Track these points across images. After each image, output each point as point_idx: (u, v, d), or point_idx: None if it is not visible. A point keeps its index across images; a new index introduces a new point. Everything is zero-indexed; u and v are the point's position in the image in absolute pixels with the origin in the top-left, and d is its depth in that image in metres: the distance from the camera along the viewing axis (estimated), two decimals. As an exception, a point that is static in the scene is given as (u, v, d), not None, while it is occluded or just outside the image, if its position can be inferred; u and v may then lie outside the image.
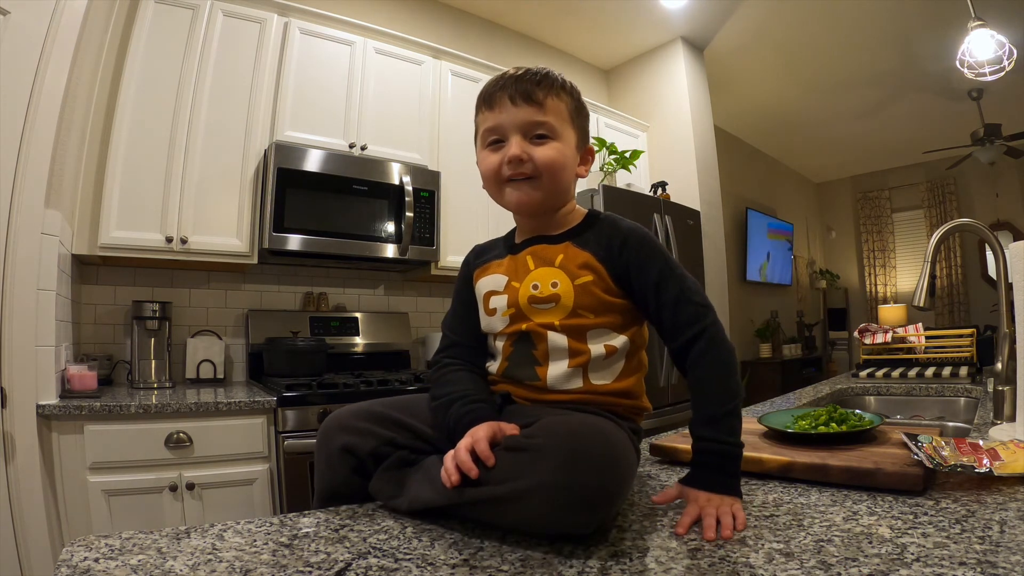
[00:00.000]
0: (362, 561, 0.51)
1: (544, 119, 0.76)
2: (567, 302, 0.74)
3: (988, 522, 0.56)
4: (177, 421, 1.69)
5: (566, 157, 0.77)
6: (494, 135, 0.77)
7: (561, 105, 0.78)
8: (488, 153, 0.79)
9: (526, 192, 0.76)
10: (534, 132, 0.76)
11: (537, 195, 0.77)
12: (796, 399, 1.61)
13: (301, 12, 2.36)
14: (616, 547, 0.54)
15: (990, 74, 2.89)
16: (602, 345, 0.74)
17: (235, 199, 2.16)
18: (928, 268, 1.22)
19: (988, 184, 5.87)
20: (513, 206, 0.79)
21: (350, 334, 2.62)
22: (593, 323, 0.74)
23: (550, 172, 0.76)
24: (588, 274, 0.74)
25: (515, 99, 0.76)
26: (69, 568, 0.49)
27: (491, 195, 0.81)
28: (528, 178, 0.76)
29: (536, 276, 0.77)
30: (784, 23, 3.68)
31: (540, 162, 0.75)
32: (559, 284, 0.75)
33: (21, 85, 1.56)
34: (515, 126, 0.76)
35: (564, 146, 0.77)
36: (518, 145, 0.75)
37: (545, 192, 0.77)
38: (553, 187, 0.77)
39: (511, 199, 0.78)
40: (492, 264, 0.84)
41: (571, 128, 0.79)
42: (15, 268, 1.53)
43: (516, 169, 0.75)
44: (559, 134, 0.77)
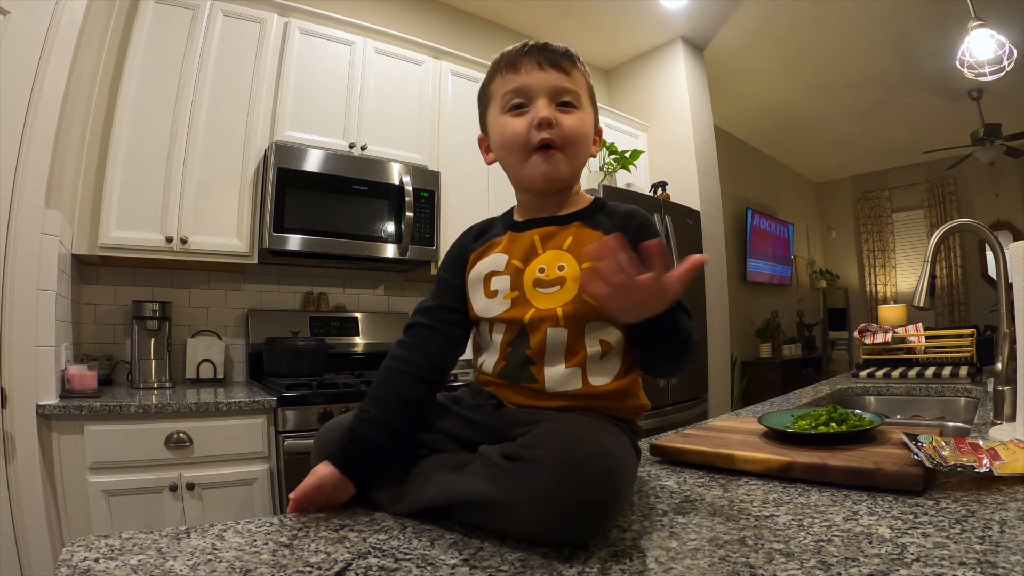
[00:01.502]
0: (362, 561, 0.51)
1: (571, 87, 0.73)
2: (572, 286, 0.69)
3: (988, 522, 0.56)
4: (177, 421, 1.69)
5: (589, 129, 0.75)
6: (518, 97, 0.73)
7: (582, 78, 0.76)
8: (510, 118, 0.73)
9: (555, 164, 0.72)
10: (560, 98, 0.73)
11: (564, 166, 0.73)
12: (796, 399, 1.61)
13: (301, 12, 2.36)
14: (616, 547, 0.54)
15: (990, 74, 2.89)
16: (598, 341, 0.70)
17: (235, 199, 2.16)
18: (928, 268, 1.22)
19: (988, 184, 5.87)
20: (540, 179, 0.73)
21: (350, 334, 2.62)
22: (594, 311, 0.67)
23: (575, 143, 0.73)
24: None
25: (543, 64, 0.73)
26: (69, 568, 0.49)
27: (509, 167, 0.76)
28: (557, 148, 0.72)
29: (544, 259, 0.73)
30: (784, 23, 3.68)
31: (568, 130, 0.72)
32: (566, 267, 0.71)
33: (21, 85, 1.56)
34: (544, 89, 0.72)
35: (587, 117, 0.75)
36: (547, 108, 0.71)
37: (572, 162, 0.74)
38: (577, 160, 0.74)
39: (538, 171, 0.73)
40: (492, 243, 0.78)
41: (589, 103, 0.77)
42: (15, 268, 1.53)
43: (546, 134, 0.71)
44: (583, 104, 0.75)
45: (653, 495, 0.71)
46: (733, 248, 5.04)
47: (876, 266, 6.76)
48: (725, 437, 0.92)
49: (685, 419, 2.84)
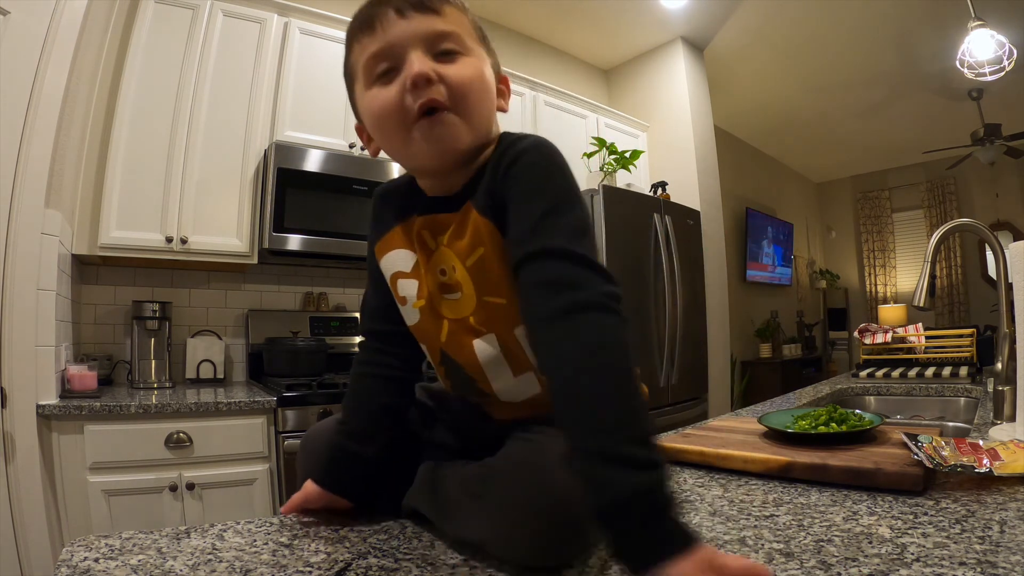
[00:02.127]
0: (362, 561, 0.51)
1: (448, 28, 0.56)
2: (468, 291, 0.57)
3: (988, 522, 0.56)
4: (177, 421, 1.69)
5: (483, 75, 0.58)
6: (383, 62, 0.55)
7: (463, 18, 0.59)
8: (377, 90, 0.56)
9: (448, 126, 0.55)
10: (438, 47, 0.56)
11: (462, 130, 0.55)
12: (796, 399, 1.61)
13: (301, 12, 2.36)
14: (616, 547, 0.53)
15: (990, 74, 2.89)
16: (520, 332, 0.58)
17: (235, 199, 2.16)
18: (928, 268, 1.22)
19: (988, 184, 5.87)
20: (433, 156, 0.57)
21: (350, 334, 2.62)
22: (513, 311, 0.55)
23: (469, 96, 0.55)
24: (479, 246, 0.56)
25: (403, 10, 0.55)
26: (69, 568, 0.49)
27: (393, 151, 0.59)
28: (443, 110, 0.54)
29: (439, 258, 0.60)
30: (784, 23, 3.68)
31: (455, 81, 0.54)
32: (456, 270, 0.58)
33: (21, 85, 1.56)
34: (412, 41, 0.55)
35: (481, 64, 0.58)
36: (423, 61, 0.54)
37: (472, 124, 0.56)
38: (477, 118, 0.57)
39: (427, 147, 0.55)
40: (395, 232, 0.65)
41: (480, 47, 0.60)
42: (15, 268, 1.53)
43: (425, 94, 0.53)
44: (471, 49, 0.57)
45: (653, 495, 0.71)
46: (733, 248, 5.04)
47: (876, 266, 6.76)
48: (725, 437, 0.92)
49: (685, 419, 2.84)
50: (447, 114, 0.55)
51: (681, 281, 2.96)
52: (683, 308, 2.95)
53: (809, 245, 7.03)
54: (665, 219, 2.99)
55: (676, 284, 2.92)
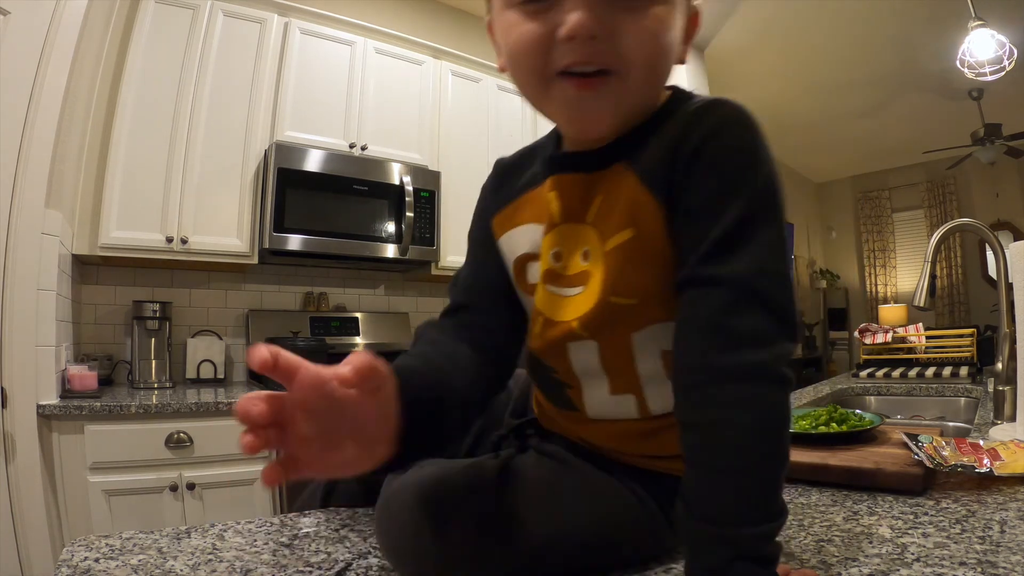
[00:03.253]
0: (362, 561, 0.51)
1: None
2: (595, 286, 0.44)
3: (988, 522, 0.55)
4: (177, 421, 1.69)
5: (674, 34, 0.42)
6: None
7: None
8: (519, 17, 0.41)
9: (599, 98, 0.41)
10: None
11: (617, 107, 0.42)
12: (796, 399, 1.61)
13: (301, 12, 2.36)
14: (616, 547, 0.53)
15: (990, 74, 2.89)
16: (659, 353, 0.45)
17: (235, 199, 2.16)
18: (928, 268, 1.22)
19: (988, 184, 5.86)
20: (569, 125, 0.45)
21: (350, 334, 2.62)
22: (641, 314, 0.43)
23: (649, 63, 0.41)
24: (629, 227, 0.42)
25: None
26: (69, 568, 0.49)
27: (525, 95, 0.44)
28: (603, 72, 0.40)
29: (560, 235, 0.46)
30: (784, 23, 3.68)
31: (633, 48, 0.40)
32: (590, 255, 0.45)
33: (21, 85, 1.56)
34: None
35: (670, 11, 0.41)
36: (586, 9, 0.38)
37: (634, 98, 0.43)
38: (648, 88, 0.43)
39: (567, 113, 0.43)
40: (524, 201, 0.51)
41: None
42: (15, 268, 1.53)
43: (583, 56, 0.39)
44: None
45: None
46: (733, 248, 5.03)
47: (876, 266, 6.76)
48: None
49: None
50: (606, 80, 0.40)
51: (681, 281, 2.97)
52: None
53: (809, 245, 7.02)
54: (665, 219, 2.99)
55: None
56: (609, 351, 0.45)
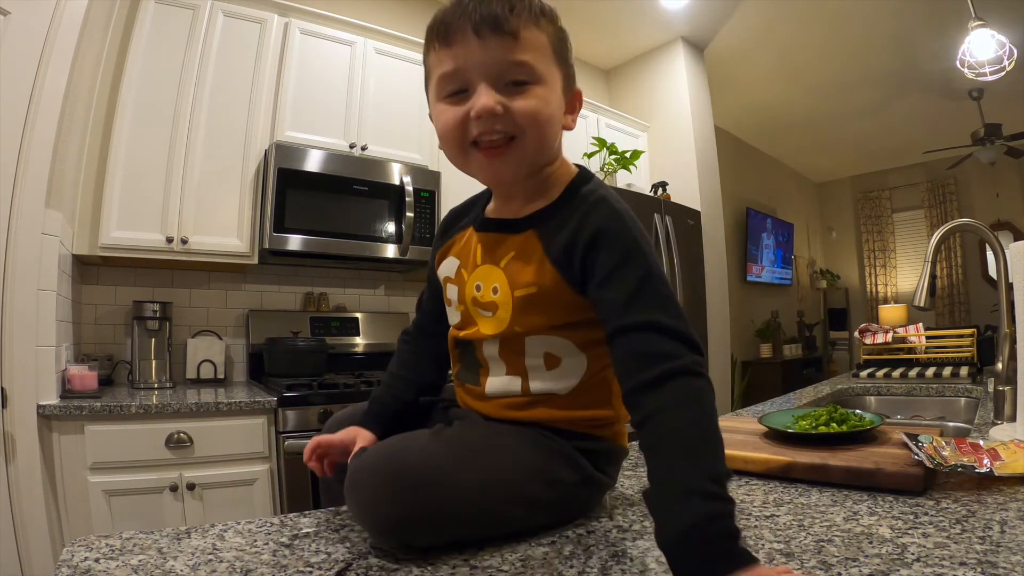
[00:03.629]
0: (362, 561, 0.51)
1: (522, 58, 0.56)
2: (503, 315, 0.61)
3: (988, 522, 0.56)
4: (177, 421, 1.69)
5: (553, 107, 0.59)
6: (453, 84, 0.58)
7: (542, 37, 0.59)
8: (445, 106, 0.59)
9: (501, 161, 0.59)
10: (508, 77, 0.57)
11: (517, 162, 0.59)
12: (796, 399, 1.61)
13: (301, 12, 2.36)
14: (616, 547, 0.54)
15: (990, 74, 2.88)
16: (541, 354, 0.62)
17: (235, 199, 2.16)
18: (928, 268, 1.22)
19: (988, 184, 5.87)
20: (486, 179, 0.63)
21: (350, 334, 2.62)
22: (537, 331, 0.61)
23: (536, 128, 0.58)
24: (532, 286, 0.60)
25: (481, 31, 0.55)
26: (70, 568, 0.49)
27: (452, 161, 0.63)
28: (505, 139, 0.58)
29: (480, 275, 0.64)
30: (785, 23, 3.68)
31: (521, 116, 0.57)
32: (499, 291, 0.62)
33: (21, 85, 1.56)
34: (483, 69, 0.56)
35: (549, 92, 0.59)
36: (489, 95, 0.56)
37: (530, 156, 0.59)
38: (539, 147, 0.59)
39: (483, 172, 0.61)
40: (456, 240, 0.71)
41: (556, 67, 0.60)
42: (15, 268, 1.53)
43: (488, 127, 0.57)
44: (542, 77, 0.58)
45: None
46: (733, 248, 5.04)
47: (876, 266, 6.76)
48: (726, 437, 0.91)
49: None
50: (506, 146, 0.58)
51: (682, 281, 2.96)
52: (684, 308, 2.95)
53: (809, 245, 7.03)
54: (666, 219, 2.99)
55: (677, 284, 2.92)
56: (507, 349, 0.63)
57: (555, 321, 0.60)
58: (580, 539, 0.56)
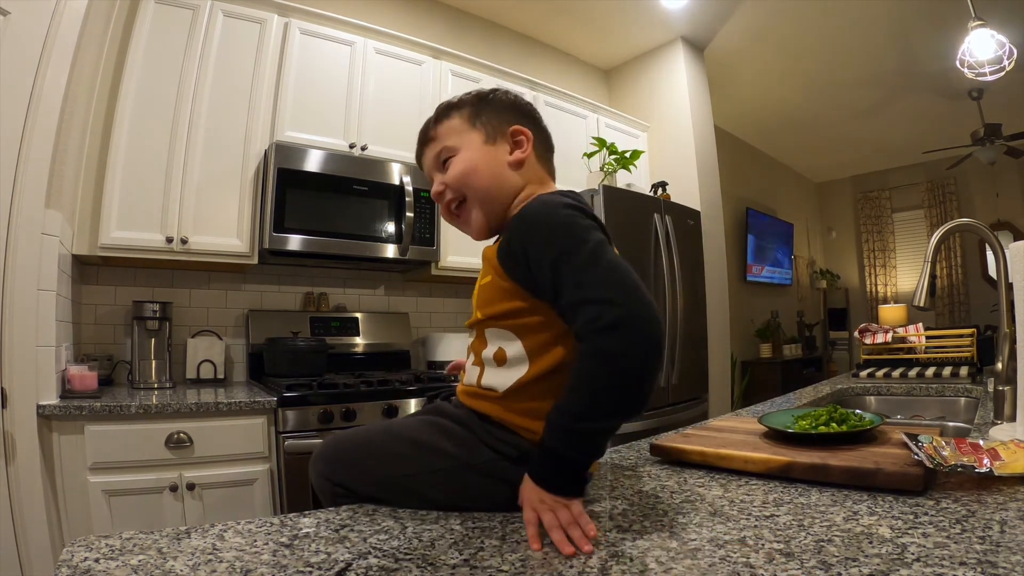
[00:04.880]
0: (362, 561, 0.51)
1: (439, 146, 0.78)
2: (474, 304, 0.75)
3: (988, 522, 0.56)
4: (177, 421, 1.69)
5: (473, 161, 0.75)
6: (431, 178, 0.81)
7: (454, 121, 0.78)
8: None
9: (464, 221, 0.78)
10: (440, 161, 0.78)
11: (478, 213, 0.76)
12: (796, 399, 1.61)
13: (301, 12, 2.36)
14: (616, 547, 0.54)
15: (990, 74, 2.88)
16: (496, 347, 0.71)
17: (235, 199, 2.16)
18: (928, 268, 1.22)
19: (988, 184, 5.87)
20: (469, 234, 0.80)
21: (350, 334, 2.62)
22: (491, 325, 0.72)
23: (469, 184, 0.75)
24: (488, 275, 0.73)
25: (422, 145, 0.81)
26: (69, 568, 0.49)
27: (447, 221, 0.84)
28: (460, 203, 0.77)
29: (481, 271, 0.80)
30: (784, 23, 3.68)
31: (450, 183, 0.76)
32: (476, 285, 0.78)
33: (21, 85, 1.56)
34: (429, 167, 0.80)
35: (468, 152, 0.76)
36: (434, 181, 0.79)
37: (480, 205, 0.76)
38: (483, 195, 0.75)
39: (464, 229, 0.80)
40: None
41: (472, 131, 0.77)
42: (15, 268, 1.53)
43: (443, 200, 0.77)
44: (457, 148, 0.76)
45: (653, 495, 0.71)
46: (733, 248, 5.04)
47: (876, 266, 6.76)
48: (725, 437, 0.92)
49: (685, 419, 2.84)
50: (463, 208, 0.77)
51: (681, 281, 2.96)
52: (683, 308, 2.95)
53: (809, 245, 7.03)
54: (665, 219, 2.99)
55: (676, 284, 2.92)
56: (477, 339, 0.75)
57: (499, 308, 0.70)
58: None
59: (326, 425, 1.89)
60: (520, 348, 0.68)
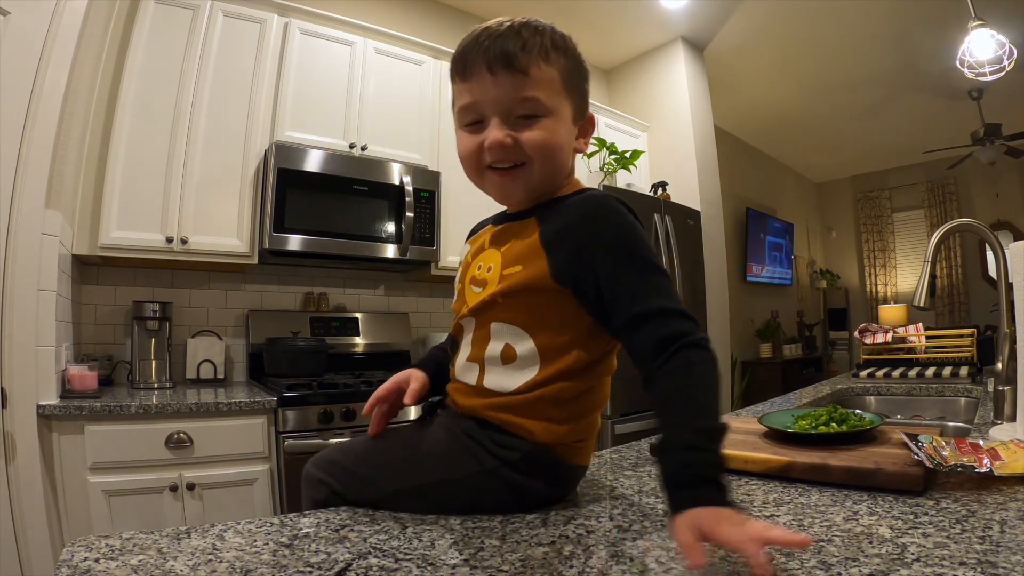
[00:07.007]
0: (362, 561, 0.51)
1: (531, 94, 0.62)
2: (488, 290, 0.66)
3: (988, 522, 0.56)
4: (177, 421, 1.69)
5: (560, 136, 0.65)
6: (470, 115, 0.65)
7: (552, 71, 0.64)
8: (464, 134, 0.67)
9: (511, 183, 0.66)
10: (518, 111, 0.63)
11: (525, 185, 0.66)
12: (796, 399, 1.61)
13: (301, 12, 2.36)
14: (616, 547, 0.54)
15: (990, 74, 2.89)
16: (502, 344, 0.65)
17: (235, 199, 2.16)
18: (928, 268, 1.22)
19: (988, 184, 5.87)
20: (497, 197, 0.70)
21: (350, 334, 2.62)
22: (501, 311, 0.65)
23: (543, 156, 0.64)
24: (518, 264, 0.64)
25: (493, 67, 0.62)
26: (69, 568, 0.49)
27: (470, 179, 0.71)
28: (515, 165, 0.65)
29: (483, 257, 0.70)
30: (784, 23, 3.68)
31: (529, 146, 0.63)
32: (492, 269, 0.67)
33: (21, 85, 1.56)
34: (494, 105, 0.63)
35: (557, 123, 0.65)
36: (499, 128, 0.63)
37: (537, 180, 0.66)
38: (546, 172, 0.66)
39: (494, 191, 0.68)
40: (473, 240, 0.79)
41: (565, 98, 0.66)
42: (15, 268, 1.53)
43: (499, 157, 0.64)
44: (550, 109, 0.64)
45: (653, 495, 0.71)
46: (733, 248, 5.04)
47: (876, 266, 6.76)
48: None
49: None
50: (515, 171, 0.65)
51: (682, 281, 2.97)
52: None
53: (809, 245, 7.03)
54: (665, 219, 2.99)
55: (677, 284, 2.92)
56: (479, 330, 0.67)
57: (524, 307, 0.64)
58: (580, 539, 0.56)
59: (326, 425, 1.89)
60: (532, 347, 0.64)
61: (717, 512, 0.47)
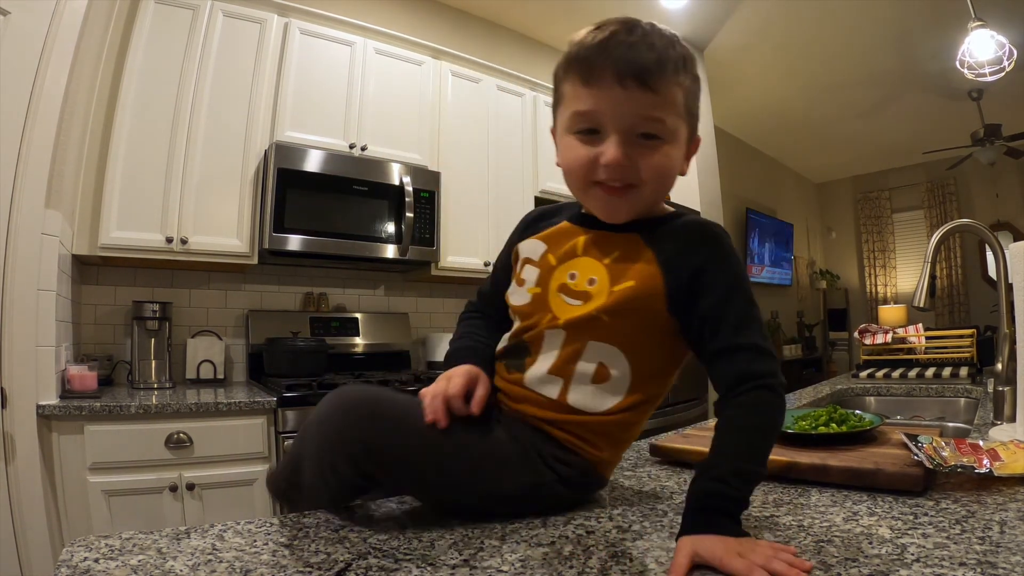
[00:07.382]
0: (362, 561, 0.51)
1: (658, 115, 0.58)
2: (593, 304, 0.61)
3: (988, 522, 0.56)
4: (177, 421, 1.69)
5: (674, 162, 0.62)
6: (587, 123, 0.60)
7: (679, 93, 0.60)
8: (575, 142, 0.61)
9: (619, 202, 0.62)
10: (642, 129, 0.59)
11: (632, 207, 0.63)
12: (796, 399, 1.61)
13: (301, 12, 2.36)
14: (616, 547, 0.54)
15: (990, 74, 2.89)
16: (596, 363, 0.62)
17: (235, 199, 2.16)
18: (928, 268, 1.23)
19: (988, 184, 5.86)
20: (600, 214, 0.65)
21: (350, 334, 2.62)
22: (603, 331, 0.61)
23: (656, 182, 0.61)
24: (633, 280, 0.61)
25: (624, 79, 0.57)
26: (69, 568, 0.49)
27: (572, 191, 0.66)
28: (627, 185, 0.61)
29: (579, 265, 0.65)
30: (784, 23, 3.68)
31: (646, 172, 0.60)
32: (596, 281, 0.62)
33: (21, 85, 1.56)
34: (618, 120, 0.58)
35: (674, 147, 0.61)
36: (619, 148, 0.58)
37: (645, 203, 0.63)
38: (656, 197, 0.64)
39: (598, 206, 0.64)
40: (546, 235, 0.70)
41: (684, 122, 0.62)
42: (15, 268, 1.53)
43: (613, 176, 0.60)
44: (672, 134, 0.60)
45: (653, 495, 0.71)
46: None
47: (876, 266, 6.76)
48: (725, 437, 0.92)
49: (685, 419, 2.84)
50: (626, 191, 0.61)
51: (681, 281, 2.97)
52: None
53: (809, 245, 7.02)
54: (665, 219, 2.99)
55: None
56: (571, 344, 0.63)
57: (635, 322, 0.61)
58: (580, 539, 0.56)
59: (326, 425, 1.89)
60: (627, 369, 0.62)
61: (724, 541, 0.48)
